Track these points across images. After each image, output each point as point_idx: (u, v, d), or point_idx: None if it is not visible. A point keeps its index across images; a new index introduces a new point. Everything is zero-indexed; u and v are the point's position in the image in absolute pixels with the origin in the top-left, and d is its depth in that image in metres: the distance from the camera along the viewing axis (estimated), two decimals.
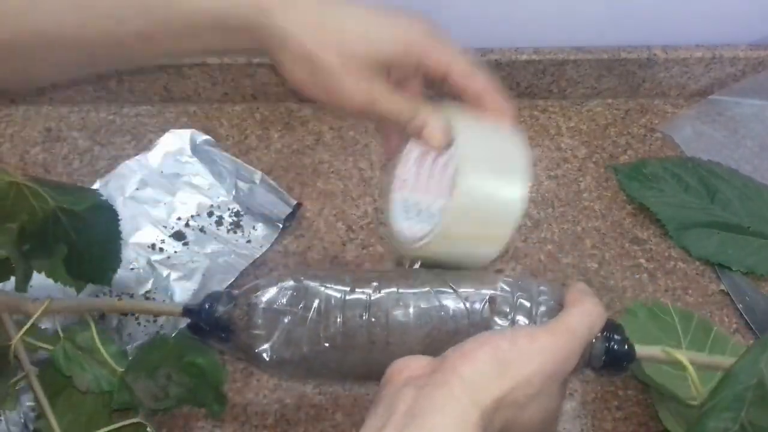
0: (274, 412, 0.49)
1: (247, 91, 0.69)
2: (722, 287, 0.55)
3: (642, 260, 0.58)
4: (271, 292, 0.36)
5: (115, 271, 0.48)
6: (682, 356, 0.39)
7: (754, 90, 0.68)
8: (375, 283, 0.36)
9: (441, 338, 0.35)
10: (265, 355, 0.36)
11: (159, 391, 0.44)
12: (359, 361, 0.35)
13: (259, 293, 0.36)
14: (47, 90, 0.68)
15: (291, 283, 0.36)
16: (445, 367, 0.30)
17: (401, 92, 0.38)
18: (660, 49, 0.66)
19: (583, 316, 0.33)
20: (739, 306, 0.54)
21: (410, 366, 0.32)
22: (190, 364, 0.45)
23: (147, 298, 0.54)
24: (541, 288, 0.36)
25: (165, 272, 0.56)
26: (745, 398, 0.35)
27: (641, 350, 0.38)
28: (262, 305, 0.36)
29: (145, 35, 0.34)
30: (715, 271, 0.57)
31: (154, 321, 0.53)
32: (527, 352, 0.30)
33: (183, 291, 0.55)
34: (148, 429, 0.46)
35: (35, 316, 0.43)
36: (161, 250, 0.57)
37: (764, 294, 0.55)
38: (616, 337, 0.36)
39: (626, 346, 0.36)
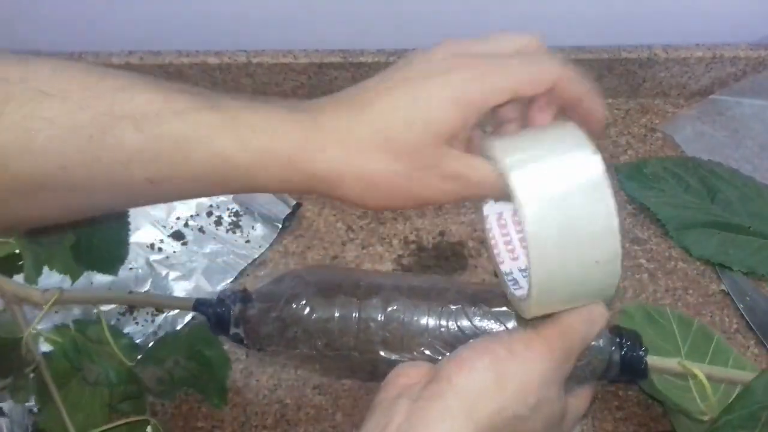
0: (274, 412, 0.49)
1: (246, 91, 0.68)
2: (723, 287, 0.55)
3: (642, 260, 0.58)
4: (291, 290, 0.36)
5: (122, 260, 0.48)
6: (698, 370, 0.37)
7: (755, 90, 0.68)
8: (386, 289, 0.36)
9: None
10: (279, 354, 0.37)
11: (164, 374, 0.45)
12: (370, 363, 0.36)
13: (280, 290, 0.37)
14: None
15: (304, 286, 0.36)
16: (440, 376, 0.29)
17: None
18: (660, 49, 0.66)
19: (582, 315, 0.32)
20: (740, 306, 0.54)
21: (408, 374, 0.31)
22: (199, 353, 0.45)
23: None
24: None
25: (164, 272, 0.56)
26: (760, 417, 0.35)
27: (656, 362, 0.37)
28: (278, 309, 0.36)
29: (158, 180, 0.29)
30: (715, 271, 0.56)
31: (152, 321, 0.53)
32: (524, 360, 0.29)
33: (181, 291, 0.55)
34: (149, 428, 0.46)
35: (47, 307, 0.42)
36: (160, 249, 0.57)
37: (765, 294, 0.54)
38: (631, 347, 0.35)
39: (641, 360, 0.35)
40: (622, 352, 0.35)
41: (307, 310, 0.35)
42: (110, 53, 0.65)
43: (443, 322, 0.34)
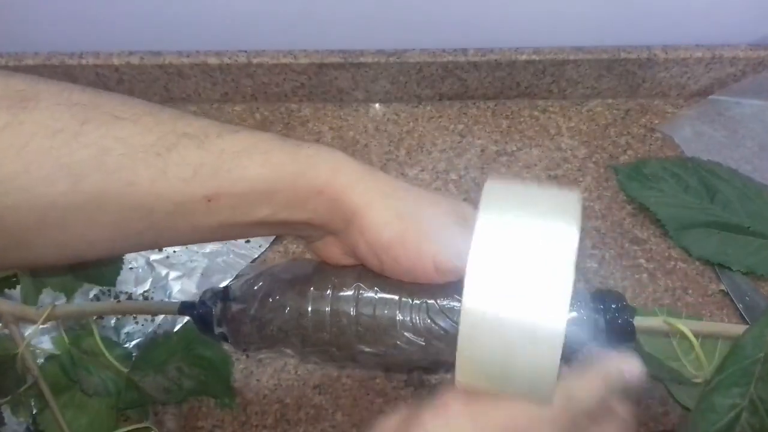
0: (274, 412, 0.49)
1: (247, 91, 0.69)
2: (722, 287, 0.55)
3: (642, 260, 0.58)
4: (265, 288, 0.36)
5: (119, 271, 0.48)
6: (683, 326, 0.37)
7: (754, 90, 0.68)
8: (357, 283, 0.35)
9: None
10: (262, 350, 0.37)
11: (171, 384, 0.45)
12: (349, 355, 0.36)
13: (255, 289, 0.36)
14: None
15: (277, 283, 0.36)
16: (417, 424, 0.28)
17: None
18: (660, 49, 0.66)
19: (588, 381, 0.29)
20: (739, 306, 0.54)
21: (386, 427, 0.30)
22: (199, 357, 0.46)
23: (145, 297, 0.54)
24: None
25: (164, 271, 0.56)
26: (753, 373, 0.34)
27: (642, 321, 0.36)
28: (254, 308, 0.36)
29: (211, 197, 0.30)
30: (714, 271, 0.56)
31: (152, 320, 0.53)
32: (505, 407, 0.28)
33: (181, 290, 0.55)
34: None
35: (39, 322, 0.43)
36: (160, 249, 0.57)
37: (764, 294, 0.55)
38: (615, 309, 0.34)
39: (627, 320, 0.34)
40: (608, 317, 0.33)
41: (280, 307, 0.35)
42: (110, 53, 0.65)
43: (414, 316, 0.34)
